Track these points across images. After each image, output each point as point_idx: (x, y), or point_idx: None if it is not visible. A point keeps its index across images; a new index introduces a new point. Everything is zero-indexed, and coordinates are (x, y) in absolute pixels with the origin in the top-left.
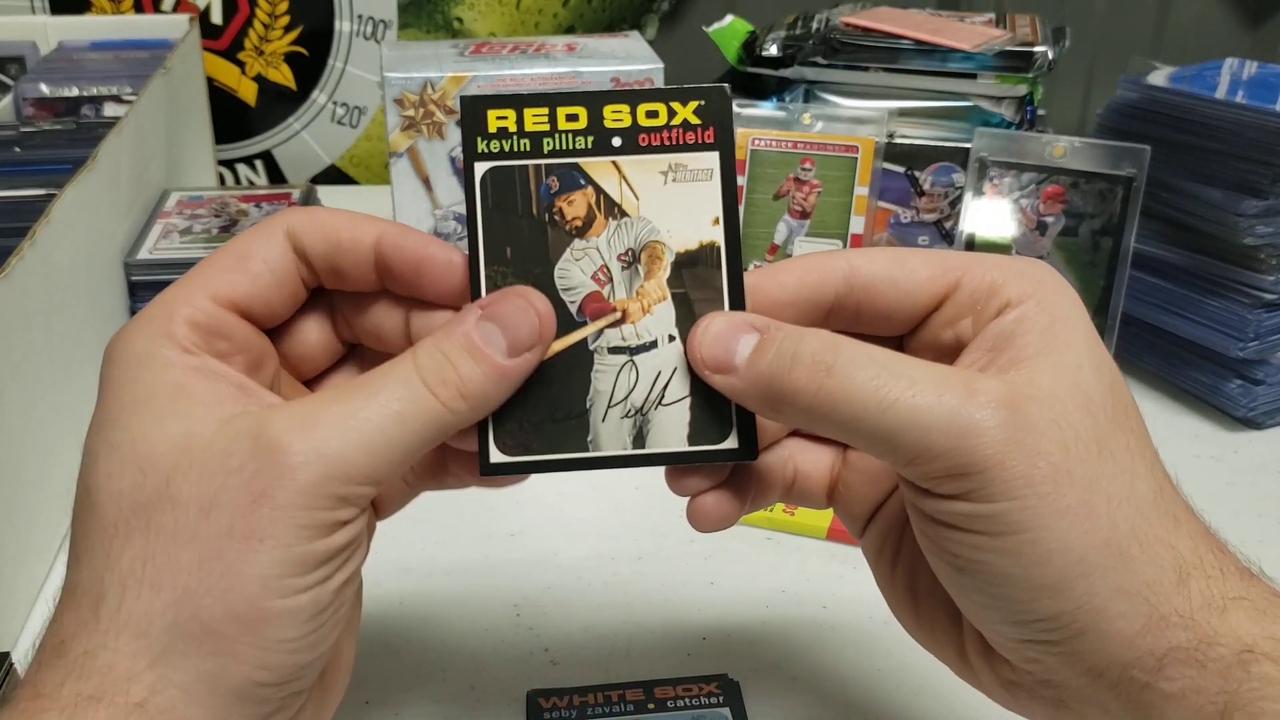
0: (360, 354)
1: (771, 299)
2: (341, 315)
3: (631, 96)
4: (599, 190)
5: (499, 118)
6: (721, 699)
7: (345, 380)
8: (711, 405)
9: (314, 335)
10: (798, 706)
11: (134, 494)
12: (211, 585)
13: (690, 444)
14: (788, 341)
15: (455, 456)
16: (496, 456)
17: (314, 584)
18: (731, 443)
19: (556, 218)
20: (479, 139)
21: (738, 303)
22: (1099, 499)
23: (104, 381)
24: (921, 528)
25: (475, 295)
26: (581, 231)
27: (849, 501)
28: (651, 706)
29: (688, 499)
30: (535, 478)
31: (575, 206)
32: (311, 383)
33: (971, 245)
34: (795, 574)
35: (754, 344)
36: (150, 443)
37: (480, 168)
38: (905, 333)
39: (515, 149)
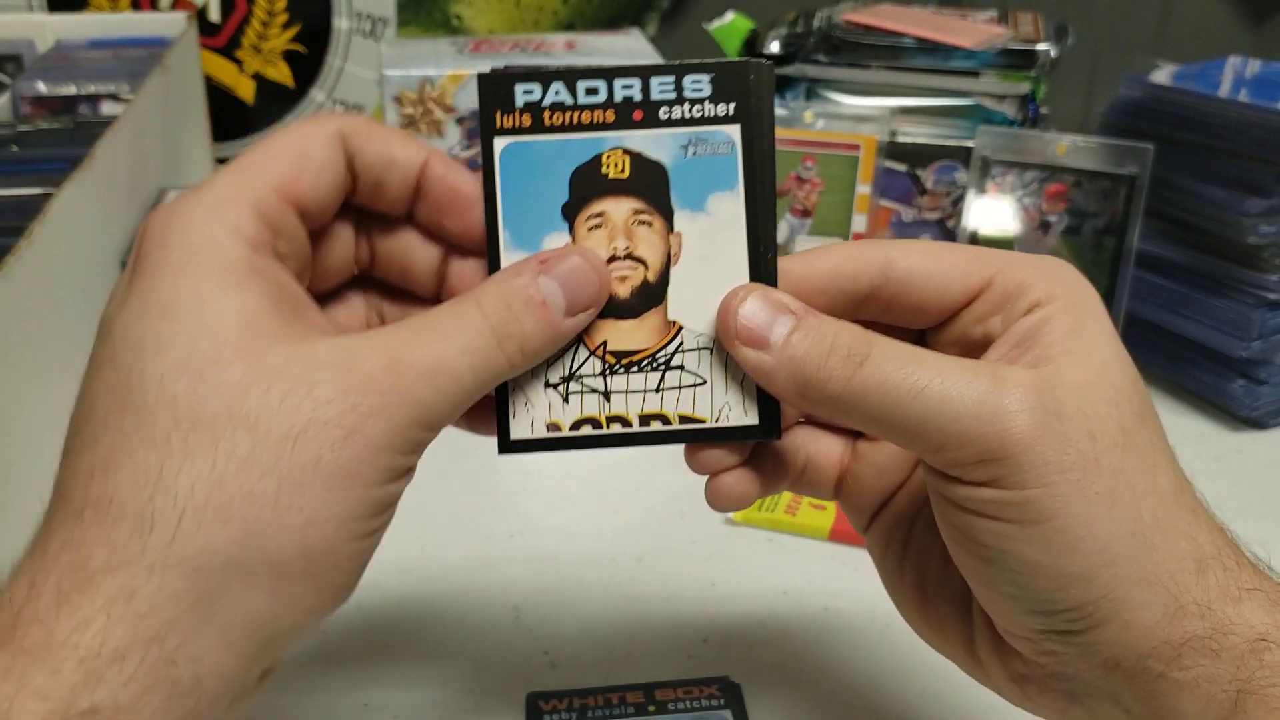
0: (364, 284)
1: (806, 284)
2: (366, 238)
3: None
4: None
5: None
6: (722, 701)
7: (352, 312)
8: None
9: (339, 251)
10: (799, 709)
11: (194, 403)
12: (289, 521)
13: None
14: (826, 330)
15: None
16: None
17: (377, 529)
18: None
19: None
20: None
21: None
22: (1125, 488)
23: (148, 259)
24: (947, 517)
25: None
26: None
27: (857, 494)
28: (652, 709)
29: (706, 479)
30: (538, 474)
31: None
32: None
33: (974, 244)
34: (797, 575)
35: (790, 325)
36: (216, 348)
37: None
38: (932, 326)
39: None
